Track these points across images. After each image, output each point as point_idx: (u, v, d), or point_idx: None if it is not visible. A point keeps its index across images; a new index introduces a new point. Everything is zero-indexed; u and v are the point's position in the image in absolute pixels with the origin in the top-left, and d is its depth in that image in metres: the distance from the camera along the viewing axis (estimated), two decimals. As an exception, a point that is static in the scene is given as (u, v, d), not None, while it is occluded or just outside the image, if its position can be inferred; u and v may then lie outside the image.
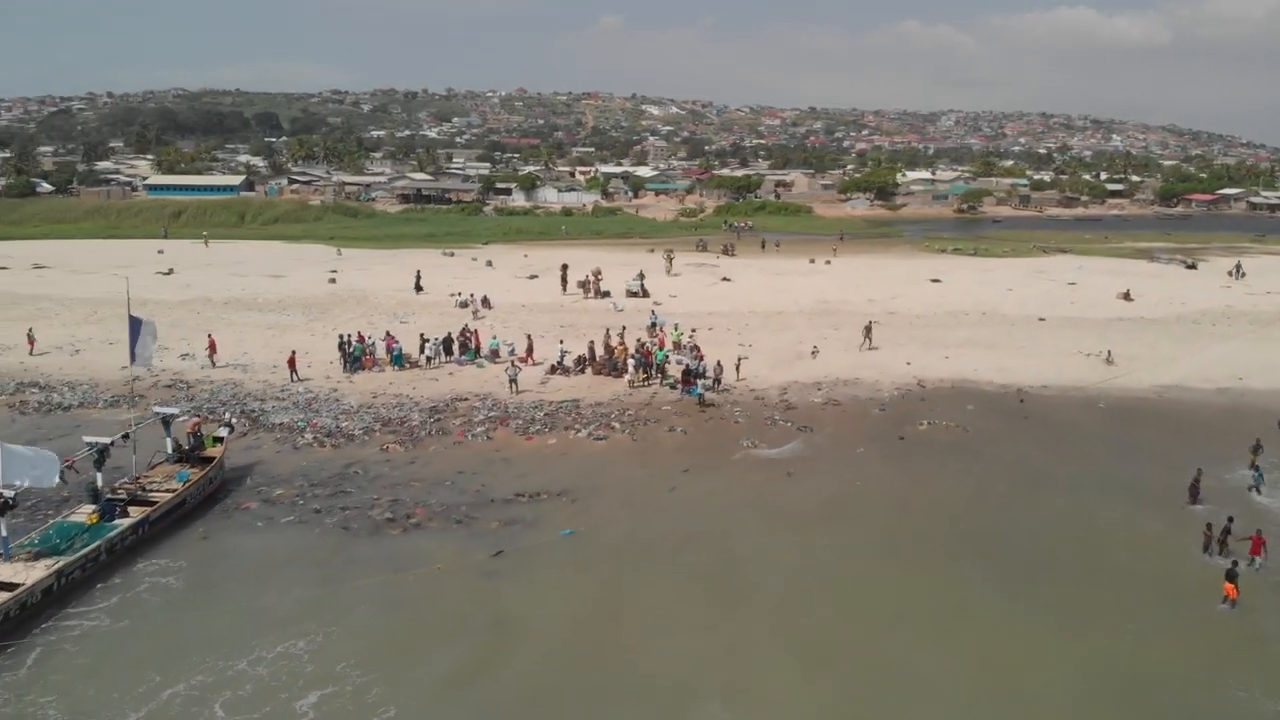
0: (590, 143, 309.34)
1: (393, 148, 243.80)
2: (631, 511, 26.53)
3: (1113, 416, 35.81)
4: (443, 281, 59.46)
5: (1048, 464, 30.41)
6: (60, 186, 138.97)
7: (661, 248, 73.35)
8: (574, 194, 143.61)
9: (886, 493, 28.05)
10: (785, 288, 58.75)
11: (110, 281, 58.59)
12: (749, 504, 27.14)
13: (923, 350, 44.16)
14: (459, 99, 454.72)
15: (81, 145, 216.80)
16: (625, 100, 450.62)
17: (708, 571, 23.13)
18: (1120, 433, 33.91)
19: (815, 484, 28.71)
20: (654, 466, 30.26)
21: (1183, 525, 25.69)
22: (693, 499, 27.42)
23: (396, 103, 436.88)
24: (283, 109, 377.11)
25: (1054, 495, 27.92)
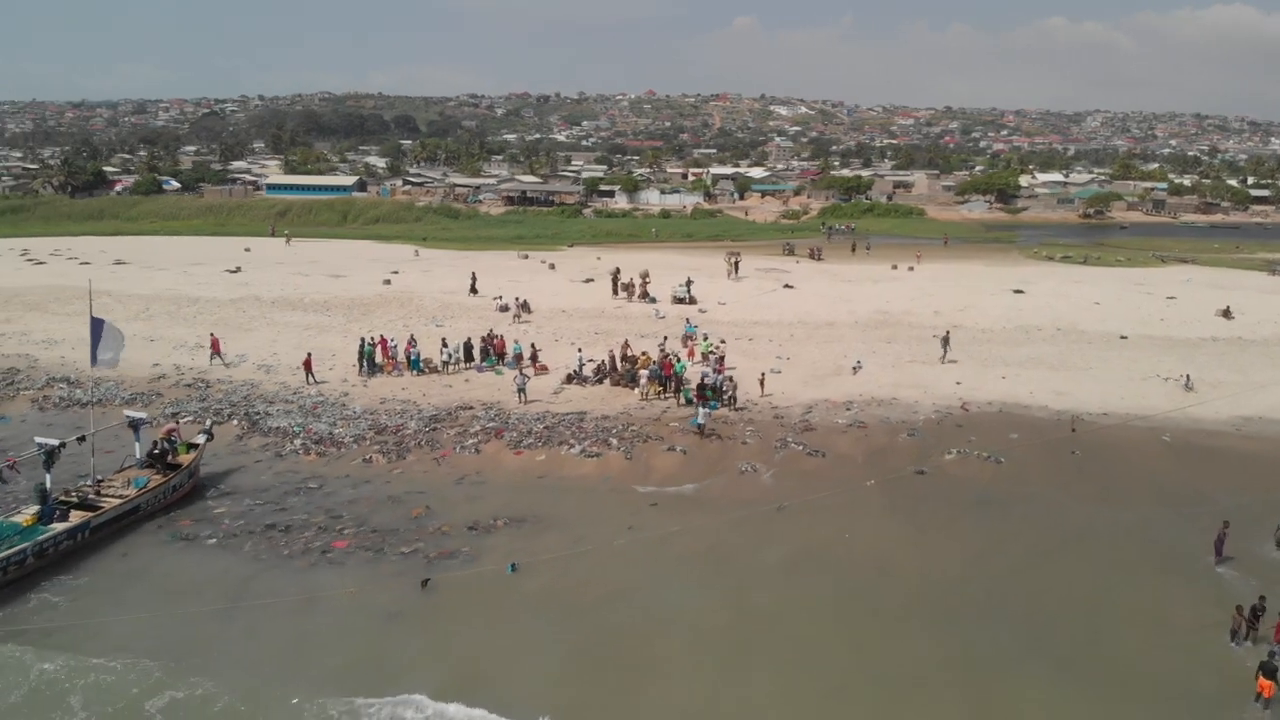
0: (713, 144, 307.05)
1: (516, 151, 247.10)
2: (579, 551, 24.13)
3: (1176, 452, 31.43)
4: (499, 284, 58.45)
5: (1081, 513, 26.46)
6: (188, 185, 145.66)
7: (728, 251, 70.39)
8: (677, 196, 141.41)
9: (873, 546, 24.69)
10: (848, 296, 55.21)
11: (173, 279, 60.19)
12: (706, 551, 24.27)
13: (979, 368, 40.27)
14: (589, 102, 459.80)
15: (220, 146, 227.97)
16: (753, 101, 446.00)
17: (619, 633, 20.57)
18: (1178, 473, 29.64)
19: (794, 528, 25.65)
20: (627, 496, 27.95)
21: (1212, 597, 21.75)
22: (648, 541, 24.67)
23: (529, 106, 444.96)
24: (421, 112, 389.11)
25: (1076, 558, 23.96)
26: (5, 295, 53.41)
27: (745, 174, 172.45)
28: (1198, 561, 23.52)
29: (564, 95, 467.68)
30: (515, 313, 48.65)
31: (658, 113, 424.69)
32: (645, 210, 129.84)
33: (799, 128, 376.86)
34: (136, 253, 72.80)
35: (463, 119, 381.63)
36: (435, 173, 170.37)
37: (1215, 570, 23.09)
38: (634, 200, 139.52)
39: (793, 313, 50.21)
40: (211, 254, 72.78)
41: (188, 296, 53.14)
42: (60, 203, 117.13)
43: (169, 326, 46.75)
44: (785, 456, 31.20)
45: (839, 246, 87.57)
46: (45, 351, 43.74)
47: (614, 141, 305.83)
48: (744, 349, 43.19)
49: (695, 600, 21.85)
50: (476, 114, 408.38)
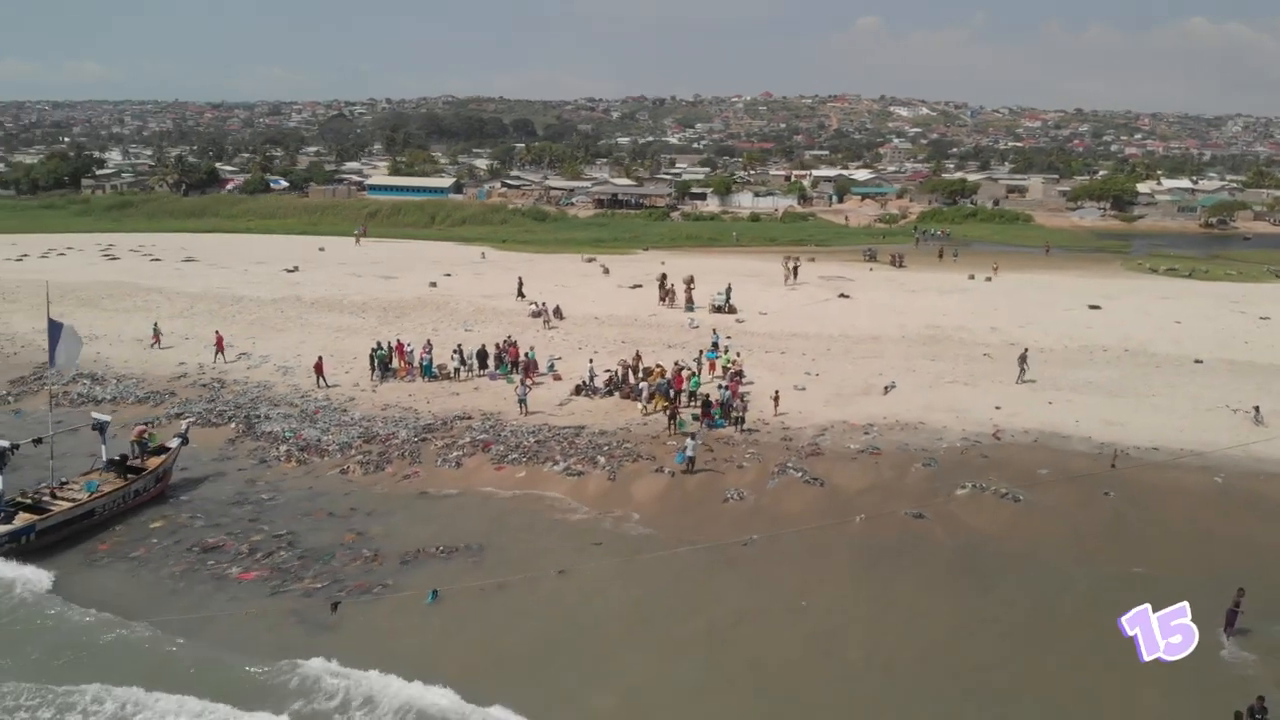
0: (827, 145, 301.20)
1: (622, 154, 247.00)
2: (503, 591, 22.15)
3: (1227, 496, 27.57)
4: (547, 288, 57.20)
5: (1092, 576, 22.88)
6: (297, 184, 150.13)
7: (786, 256, 67.33)
8: (770, 199, 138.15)
9: (823, 619, 21.07)
10: (904, 308, 51.76)
11: (229, 277, 61.09)
12: (632, 606, 21.65)
13: (1025, 391, 36.73)
14: (704, 105, 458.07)
15: (337, 147, 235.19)
16: (872, 102, 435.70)
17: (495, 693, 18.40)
18: (1221, 522, 25.89)
19: (744, 581, 22.81)
20: (586, 526, 25.97)
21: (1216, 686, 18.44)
22: (573, 588, 22.34)
23: (644, 109, 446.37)
24: (539, 116, 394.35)
25: (1069, 641, 20.09)
26: (64, 290, 54.91)
27: (849, 176, 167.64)
28: (1205, 636, 20.10)
29: (679, 98, 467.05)
30: (545, 319, 47.22)
31: (773, 114, 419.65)
32: (735, 213, 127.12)
33: (919, 129, 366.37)
34: (212, 250, 74.65)
35: (579, 122, 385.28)
36: (535, 175, 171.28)
37: (1221, 649, 19.67)
38: (725, 203, 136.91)
39: (837, 325, 47.26)
40: (283, 253, 73.97)
41: (233, 295, 53.69)
42: (167, 200, 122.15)
43: (206, 325, 47.06)
44: (779, 485, 28.75)
45: (927, 253, 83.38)
46: (88, 348, 44.37)
47: (724, 144, 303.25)
48: (773, 363, 40.69)
49: (585, 673, 19.21)
50: (592, 117, 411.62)
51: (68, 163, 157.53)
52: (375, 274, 62.45)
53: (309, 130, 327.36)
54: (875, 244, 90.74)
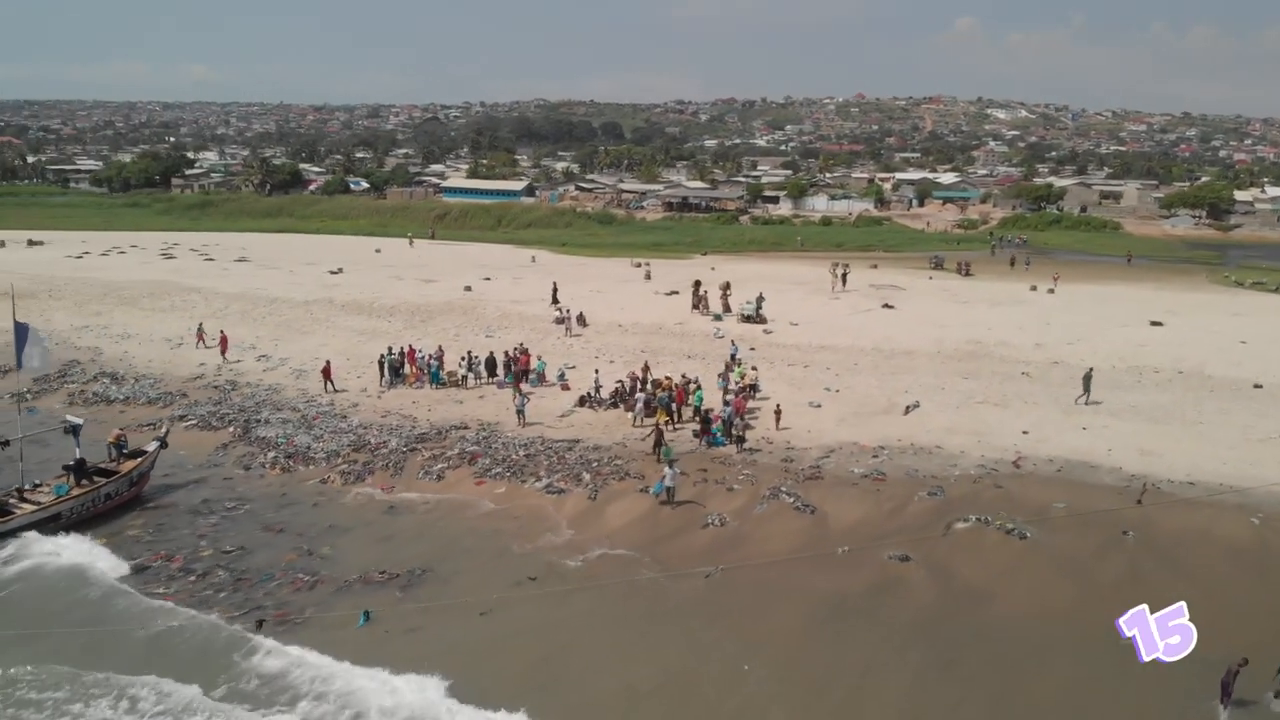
0: (919, 148, 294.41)
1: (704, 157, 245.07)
2: (412, 634, 20.74)
3: (1262, 539, 24.64)
4: (582, 293, 56.15)
5: (1084, 651, 20.13)
6: (377, 186, 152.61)
7: (833, 262, 64.75)
8: (845, 202, 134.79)
9: (754, 699, 18.54)
10: (949, 321, 48.97)
11: (273, 278, 61.59)
12: (546, 656, 19.70)
13: (1059, 415, 34.03)
14: (795, 106, 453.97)
15: (423, 150, 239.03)
16: (969, 104, 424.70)
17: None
18: (1248, 571, 23.16)
19: (682, 634, 20.62)
20: (536, 558, 24.37)
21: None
22: (487, 634, 20.55)
23: (733, 111, 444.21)
24: (628, 119, 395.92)
25: None
26: (109, 288, 56.32)
27: (933, 180, 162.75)
28: (1197, 706, 17.72)
29: (770, 100, 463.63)
30: (567, 326, 46.05)
31: (865, 116, 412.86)
32: (806, 217, 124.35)
33: (1017, 132, 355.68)
34: (269, 251, 75.83)
35: (667, 125, 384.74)
36: (610, 179, 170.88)
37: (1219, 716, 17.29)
38: (799, 207, 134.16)
39: (872, 338, 44.91)
40: (339, 254, 74.74)
41: (267, 297, 54.00)
42: (246, 200, 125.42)
43: (235, 325, 47.25)
44: (767, 511, 26.95)
45: (998, 262, 79.84)
46: (113, 346, 45.17)
47: (812, 146, 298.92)
48: (792, 377, 38.71)
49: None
50: (680, 120, 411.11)
51: (159, 162, 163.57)
52: (416, 277, 62.30)
53: (404, 133, 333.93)
54: (948, 251, 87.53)
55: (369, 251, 78.03)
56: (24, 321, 29.96)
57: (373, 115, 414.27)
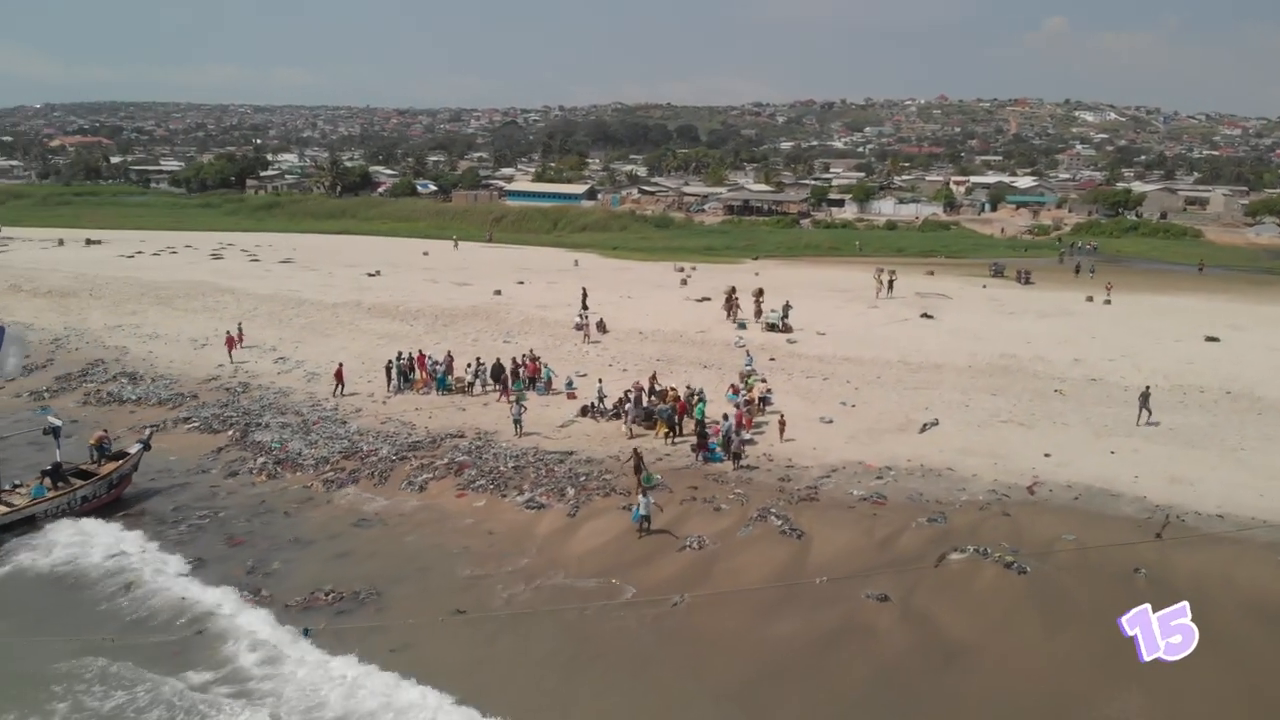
0: (1001, 151, 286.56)
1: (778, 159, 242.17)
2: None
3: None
4: (612, 299, 55.20)
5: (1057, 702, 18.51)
6: (443, 189, 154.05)
7: (878, 268, 62.61)
8: (913, 206, 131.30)
9: None
10: (988, 333, 46.50)
11: (309, 280, 61.90)
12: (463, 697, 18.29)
13: (1088, 437, 31.71)
14: (875, 108, 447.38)
15: (495, 153, 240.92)
16: (1055, 106, 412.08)
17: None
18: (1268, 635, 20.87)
19: (608, 682, 18.98)
20: (488, 580, 23.20)
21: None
22: (405, 666, 19.37)
23: (812, 114, 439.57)
24: (704, 122, 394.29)
25: None
26: (148, 288, 57.28)
27: (1010, 184, 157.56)
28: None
29: (849, 102, 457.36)
30: (585, 333, 45.01)
31: (947, 118, 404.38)
32: (870, 221, 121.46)
33: (1105, 135, 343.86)
34: (316, 252, 76.59)
35: (743, 127, 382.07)
36: (674, 181, 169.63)
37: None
38: (864, 210, 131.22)
39: (901, 350, 42.82)
40: (385, 256, 75.13)
41: (297, 298, 54.19)
42: (313, 201, 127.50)
43: (262, 328, 47.44)
44: (751, 535, 25.46)
45: (1066, 269, 76.50)
46: (140, 345, 45.66)
47: (890, 148, 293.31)
48: (808, 390, 37.02)
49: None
50: (757, 122, 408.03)
51: (234, 163, 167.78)
52: (451, 280, 62.00)
53: (484, 137, 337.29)
54: (1014, 257, 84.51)
55: (417, 254, 78.26)
56: (2, 324, 29.80)
57: (455, 119, 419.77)
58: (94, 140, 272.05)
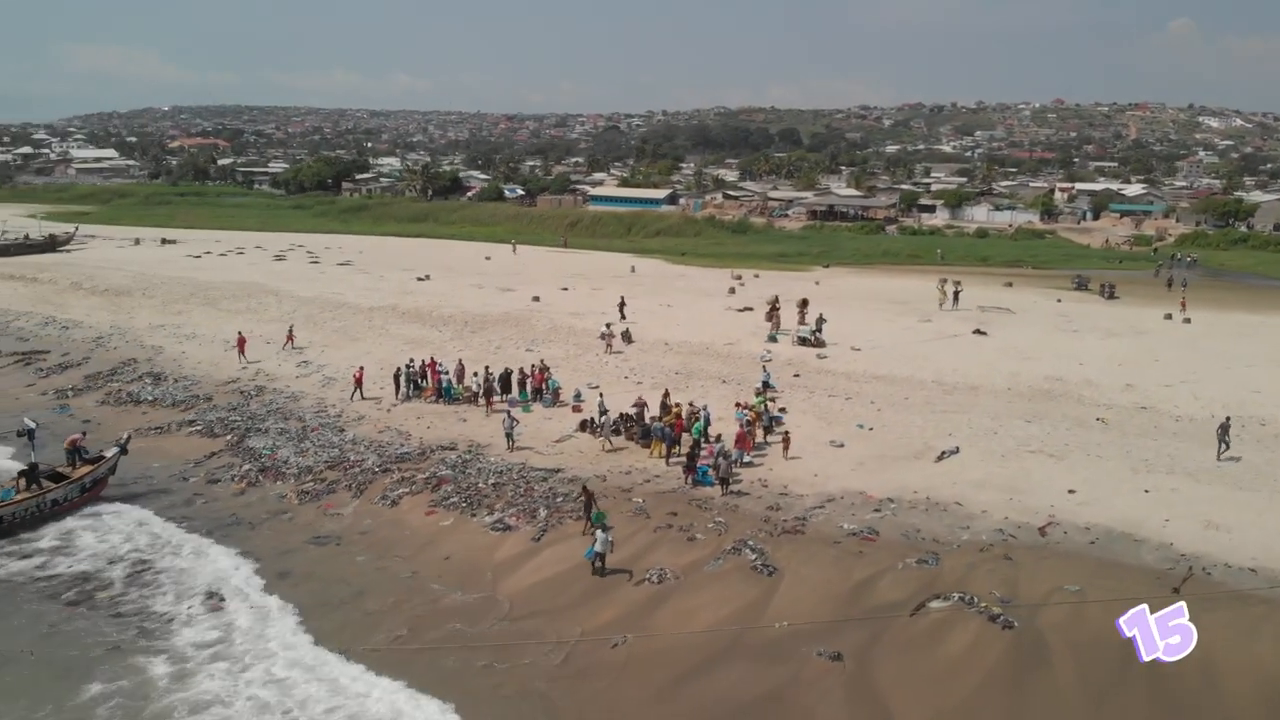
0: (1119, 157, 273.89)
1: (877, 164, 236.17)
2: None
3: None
4: (650, 307, 53.61)
5: None
6: (530, 193, 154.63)
7: (941, 278, 59.31)
8: (1008, 213, 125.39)
9: None
10: (1039, 352, 42.97)
11: (357, 282, 62.06)
12: None
13: (1125, 473, 28.61)
14: (987, 112, 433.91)
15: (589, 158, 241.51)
16: (1178, 111, 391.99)
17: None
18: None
19: None
20: (414, 617, 21.89)
21: None
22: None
23: (921, 117, 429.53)
24: (808, 125, 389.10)
25: None
26: (199, 288, 58.26)
27: (1117, 191, 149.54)
28: None
29: (960, 105, 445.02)
30: (608, 343, 43.49)
31: (1063, 123, 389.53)
32: (961, 228, 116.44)
33: (1230, 142, 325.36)
34: (378, 255, 77.19)
35: (847, 131, 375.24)
36: (764, 186, 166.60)
37: None
38: (956, 216, 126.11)
39: (938, 369, 39.96)
40: (448, 259, 75.40)
41: (337, 302, 54.22)
42: (397, 205, 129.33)
43: (297, 329, 47.21)
44: (719, 569, 23.60)
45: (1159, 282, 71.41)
46: (175, 345, 46.20)
47: (1000, 153, 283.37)
48: (828, 410, 34.71)
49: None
50: (863, 126, 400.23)
51: (331, 166, 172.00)
52: (496, 285, 61.30)
53: (586, 141, 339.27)
54: (1105, 269, 79.64)
55: (480, 258, 78.10)
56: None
57: (560, 124, 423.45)
58: (209, 142, 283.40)
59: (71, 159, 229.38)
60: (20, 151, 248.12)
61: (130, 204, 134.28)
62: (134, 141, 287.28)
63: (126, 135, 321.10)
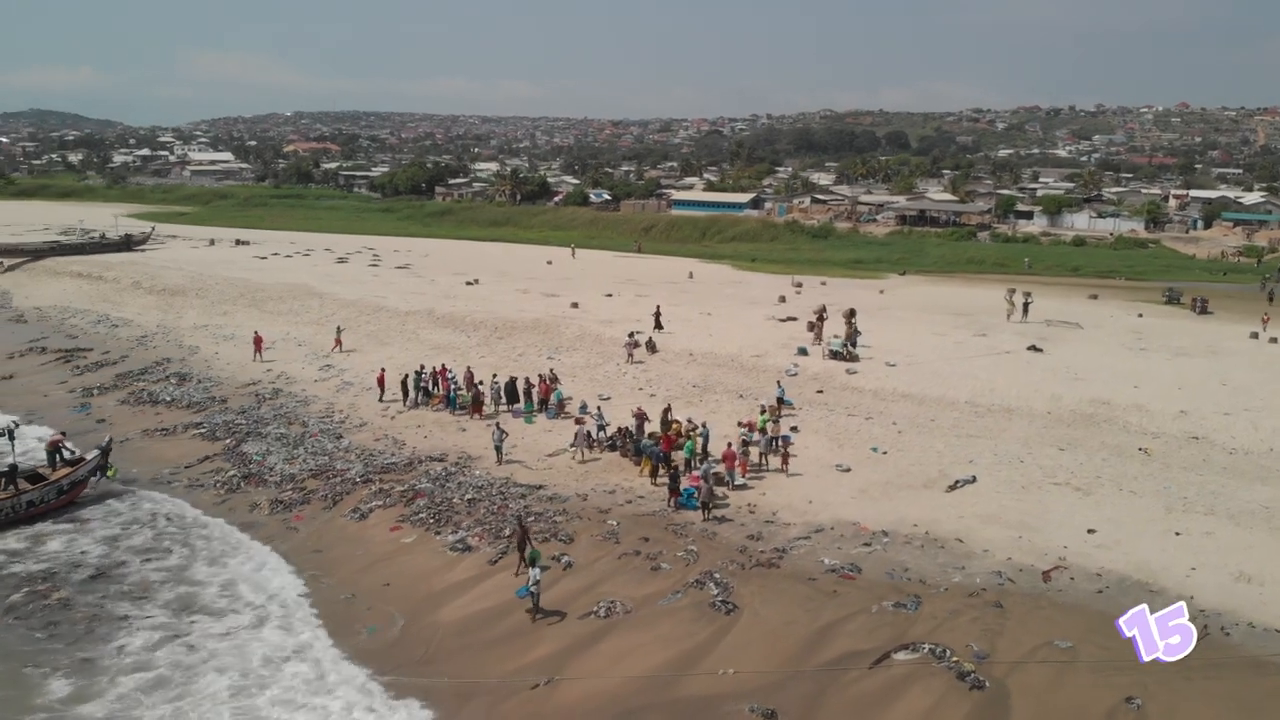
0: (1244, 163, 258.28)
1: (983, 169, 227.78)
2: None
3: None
4: (691, 315, 51.79)
5: None
6: (615, 198, 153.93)
7: (1009, 289, 55.79)
8: (1111, 221, 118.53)
9: None
10: (1094, 373, 39.29)
11: (408, 285, 61.91)
12: None
13: (1159, 512, 25.55)
14: (1106, 115, 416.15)
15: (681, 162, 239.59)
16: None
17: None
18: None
19: None
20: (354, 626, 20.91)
21: None
22: None
23: (1036, 120, 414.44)
24: (917, 128, 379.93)
25: None
26: (249, 289, 58.92)
27: (1236, 199, 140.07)
28: None
29: (1078, 108, 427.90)
30: (629, 352, 41.84)
31: (1187, 127, 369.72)
32: (1058, 235, 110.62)
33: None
34: (439, 258, 77.32)
35: (958, 134, 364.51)
36: (857, 190, 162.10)
37: None
38: (1055, 223, 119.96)
39: (975, 388, 36.95)
40: (509, 263, 75.19)
41: (377, 305, 53.99)
42: (479, 209, 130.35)
43: (331, 333, 47.06)
44: (676, 604, 21.77)
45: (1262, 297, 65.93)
46: (210, 346, 46.61)
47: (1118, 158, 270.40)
48: (844, 430, 32.36)
49: None
50: (975, 129, 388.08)
51: (425, 171, 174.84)
52: (541, 291, 60.28)
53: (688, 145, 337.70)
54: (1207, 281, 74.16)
55: (540, 262, 77.48)
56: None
57: (664, 129, 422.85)
58: (320, 146, 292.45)
59: (189, 161, 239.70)
60: (140, 153, 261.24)
61: (228, 205, 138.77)
62: (253, 145, 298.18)
63: (247, 139, 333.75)
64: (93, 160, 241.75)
